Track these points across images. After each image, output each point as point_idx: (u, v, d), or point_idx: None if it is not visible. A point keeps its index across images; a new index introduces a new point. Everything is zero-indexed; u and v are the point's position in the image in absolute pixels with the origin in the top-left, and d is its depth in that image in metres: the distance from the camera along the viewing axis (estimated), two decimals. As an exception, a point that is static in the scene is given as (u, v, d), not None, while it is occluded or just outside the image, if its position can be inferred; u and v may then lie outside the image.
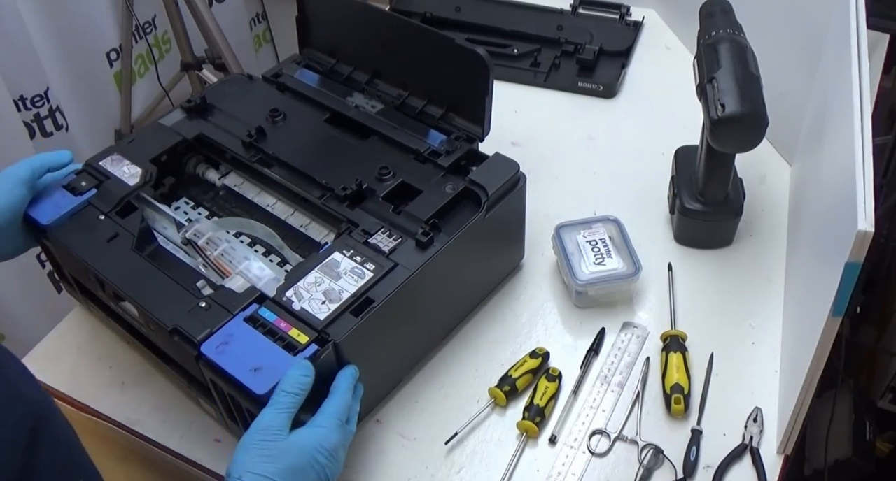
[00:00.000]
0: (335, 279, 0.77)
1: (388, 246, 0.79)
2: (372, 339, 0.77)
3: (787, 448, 0.79)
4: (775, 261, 0.97)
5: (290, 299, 0.75)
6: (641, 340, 0.90)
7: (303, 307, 0.74)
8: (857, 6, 0.81)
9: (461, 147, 0.88)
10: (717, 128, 0.84)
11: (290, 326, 0.73)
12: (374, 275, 0.77)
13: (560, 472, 0.80)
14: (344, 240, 0.81)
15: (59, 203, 0.86)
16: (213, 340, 0.72)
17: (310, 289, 0.76)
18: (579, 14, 1.30)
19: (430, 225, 0.81)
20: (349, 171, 0.86)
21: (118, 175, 0.88)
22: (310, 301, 0.75)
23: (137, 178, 0.88)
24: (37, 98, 1.44)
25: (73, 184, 0.87)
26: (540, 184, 1.07)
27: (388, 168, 0.86)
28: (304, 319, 0.73)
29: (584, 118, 1.17)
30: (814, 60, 0.95)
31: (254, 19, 2.06)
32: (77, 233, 0.83)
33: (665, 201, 1.02)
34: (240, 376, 0.69)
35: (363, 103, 0.95)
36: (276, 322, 0.73)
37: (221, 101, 0.97)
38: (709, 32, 0.89)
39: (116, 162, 0.90)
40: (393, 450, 0.82)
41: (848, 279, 0.64)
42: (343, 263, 0.78)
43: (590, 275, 0.90)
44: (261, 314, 0.74)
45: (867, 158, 0.66)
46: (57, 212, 0.84)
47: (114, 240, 0.82)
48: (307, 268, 0.78)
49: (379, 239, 0.80)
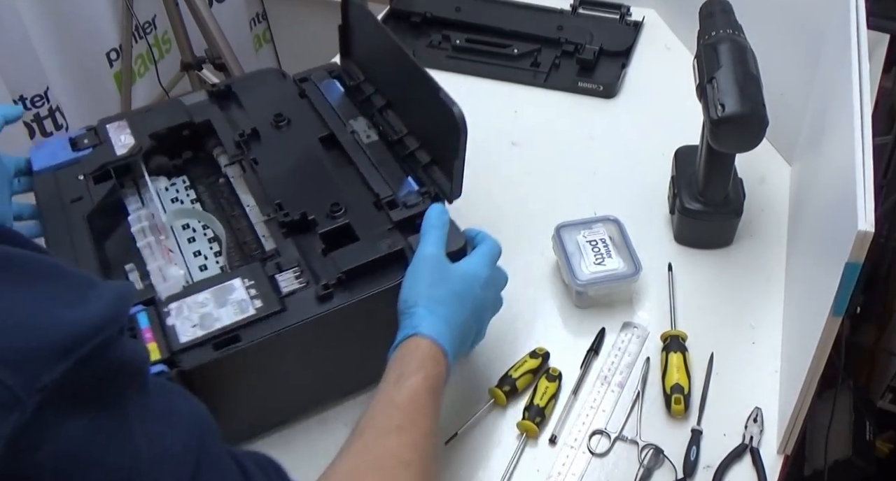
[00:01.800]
0: (220, 305, 0.72)
1: (289, 287, 0.74)
2: (233, 378, 0.72)
3: (787, 448, 0.79)
4: (775, 261, 0.97)
5: (169, 311, 0.72)
6: (641, 340, 0.90)
7: (174, 324, 0.71)
8: (857, 6, 0.81)
9: (423, 204, 0.79)
10: (717, 129, 0.84)
11: (151, 339, 0.69)
12: (256, 314, 0.71)
13: (560, 472, 0.80)
14: (253, 267, 0.76)
15: (57, 153, 0.88)
16: None
17: (192, 308, 0.72)
18: (579, 14, 1.30)
19: (339, 278, 0.74)
20: (306, 198, 0.82)
21: (113, 141, 0.88)
22: (184, 320, 0.71)
23: (126, 149, 0.88)
24: (37, 98, 1.44)
25: (77, 138, 0.89)
26: (540, 184, 1.07)
27: (340, 206, 0.80)
28: (168, 336, 0.70)
29: (584, 118, 1.17)
30: (814, 60, 0.95)
31: (254, 19, 2.06)
32: (50, 186, 0.84)
33: (665, 201, 1.02)
34: None
35: (361, 130, 0.90)
36: (143, 330, 0.70)
37: (244, 93, 0.95)
38: (709, 32, 0.89)
39: (120, 128, 0.90)
40: (393, 450, 0.82)
41: (848, 279, 0.64)
42: (237, 292, 0.73)
43: (590, 275, 0.90)
44: (136, 317, 0.71)
45: (867, 158, 0.66)
46: (50, 160, 0.87)
47: (76, 202, 0.82)
48: (205, 286, 0.74)
49: (285, 277, 0.75)
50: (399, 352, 0.69)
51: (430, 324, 0.70)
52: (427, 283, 0.72)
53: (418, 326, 0.69)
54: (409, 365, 0.67)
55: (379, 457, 0.62)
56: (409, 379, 0.66)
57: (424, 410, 0.66)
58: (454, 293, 0.72)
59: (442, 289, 0.72)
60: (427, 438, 0.65)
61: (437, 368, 0.69)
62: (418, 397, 0.66)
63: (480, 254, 0.77)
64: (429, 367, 0.68)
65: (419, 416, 0.65)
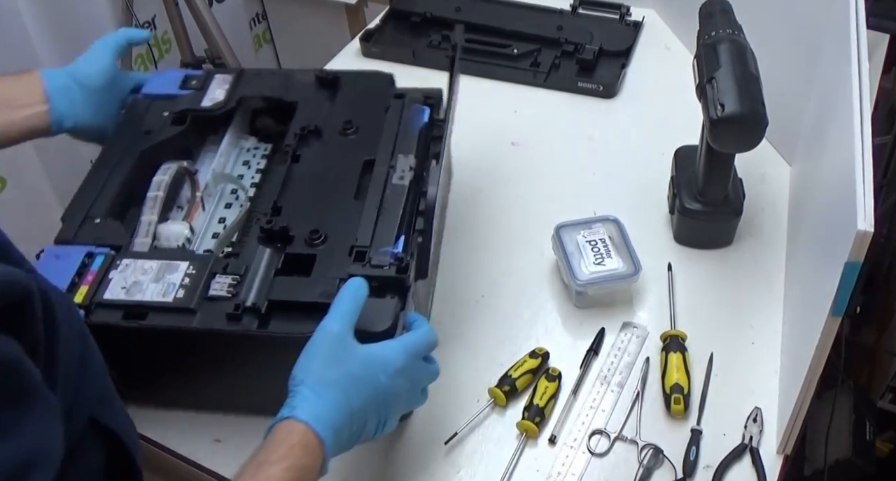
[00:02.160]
0: (156, 280, 0.74)
1: (216, 292, 0.73)
2: (140, 348, 0.74)
3: (787, 448, 0.79)
4: (775, 261, 0.97)
5: (117, 265, 0.76)
6: (641, 340, 0.90)
7: (112, 278, 0.74)
8: (857, 6, 0.81)
9: (388, 270, 0.74)
10: (716, 128, 0.84)
11: (87, 283, 0.74)
12: (171, 303, 0.72)
13: (560, 472, 0.80)
14: (205, 258, 0.77)
15: (166, 85, 0.93)
16: (54, 250, 0.77)
17: (135, 272, 0.75)
18: (579, 14, 1.30)
19: (261, 305, 0.72)
20: (304, 213, 0.80)
21: (208, 89, 0.92)
22: (121, 279, 0.74)
23: (211, 103, 0.91)
24: (37, 98, 1.44)
25: (189, 77, 0.94)
26: (540, 184, 1.07)
27: (319, 234, 0.77)
28: (99, 287, 0.74)
29: (584, 118, 1.17)
30: (814, 60, 0.95)
31: (254, 19, 2.06)
32: (139, 111, 0.91)
33: (665, 201, 1.02)
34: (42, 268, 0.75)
35: (400, 168, 0.83)
36: (89, 271, 0.75)
37: (346, 89, 0.93)
38: (708, 32, 0.89)
39: (222, 82, 0.93)
40: (393, 450, 0.82)
41: (848, 279, 0.64)
42: (176, 274, 0.74)
43: (590, 275, 0.90)
44: (95, 258, 0.76)
45: (867, 158, 0.66)
46: (156, 89, 0.93)
47: (146, 134, 0.88)
48: (165, 256, 0.77)
49: (221, 281, 0.74)
50: (271, 434, 0.62)
51: (312, 407, 0.63)
52: (321, 361, 0.65)
53: (296, 408, 0.63)
54: (274, 452, 0.60)
55: None
56: (270, 468, 0.59)
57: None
58: (351, 376, 0.65)
59: (337, 371, 0.65)
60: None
61: (306, 459, 0.61)
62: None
63: (401, 341, 0.70)
64: (296, 457, 0.61)
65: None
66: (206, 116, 0.91)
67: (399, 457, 0.82)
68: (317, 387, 0.64)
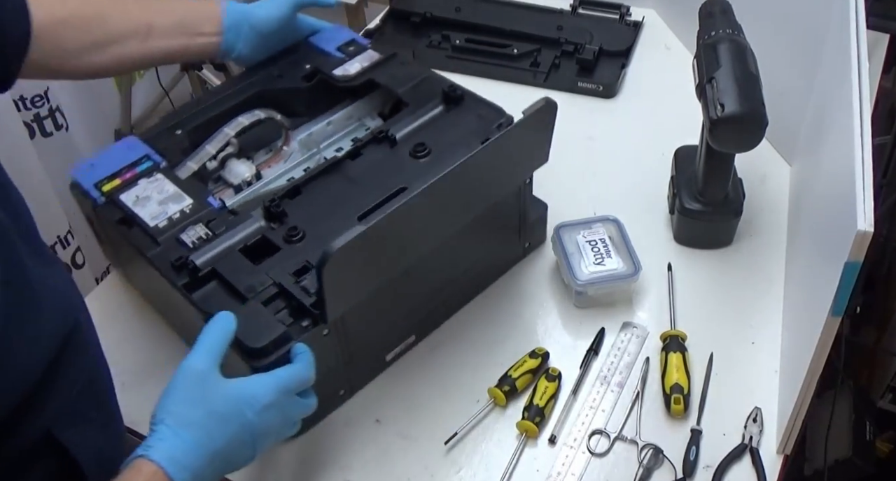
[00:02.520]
0: (162, 202, 0.82)
1: (186, 237, 0.78)
2: (127, 251, 0.83)
3: (787, 448, 0.79)
4: (775, 261, 0.97)
5: (152, 176, 0.84)
6: (641, 340, 0.90)
7: (138, 184, 0.83)
8: (857, 6, 0.81)
9: (305, 298, 0.75)
10: (716, 128, 0.84)
11: (122, 179, 0.84)
12: (150, 227, 0.80)
13: (560, 472, 0.80)
14: (209, 208, 0.81)
15: (329, 41, 0.98)
16: (131, 141, 0.87)
17: (157, 188, 0.83)
18: (579, 14, 1.30)
19: (203, 270, 0.76)
20: (311, 208, 0.80)
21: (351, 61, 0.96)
22: (143, 189, 0.83)
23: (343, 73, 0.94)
24: (37, 98, 1.44)
25: (352, 43, 0.97)
26: (540, 184, 1.07)
27: (298, 232, 0.79)
28: (124, 188, 0.83)
29: (584, 118, 1.17)
30: (814, 60, 0.95)
31: (254, 19, 2.06)
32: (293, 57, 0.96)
33: (665, 201, 1.02)
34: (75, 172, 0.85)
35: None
36: (131, 171, 0.84)
37: (469, 110, 0.90)
38: (708, 32, 0.89)
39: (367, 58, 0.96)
40: (393, 450, 0.82)
41: (847, 279, 0.64)
42: (177, 206, 0.81)
43: (590, 275, 0.90)
44: (145, 162, 0.85)
45: (867, 158, 0.66)
46: (320, 43, 0.98)
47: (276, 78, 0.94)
48: (184, 186, 0.83)
49: (197, 229, 0.79)
50: (121, 473, 0.60)
51: (168, 448, 0.61)
52: (182, 400, 0.63)
53: (151, 448, 0.61)
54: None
55: None
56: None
57: None
58: (214, 415, 0.63)
59: (198, 410, 0.63)
60: None
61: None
62: None
63: (273, 376, 0.68)
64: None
65: None
66: (329, 83, 0.94)
67: (399, 457, 0.82)
68: (175, 427, 0.62)
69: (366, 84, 0.94)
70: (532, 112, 0.77)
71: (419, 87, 0.92)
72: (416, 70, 0.94)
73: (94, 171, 0.86)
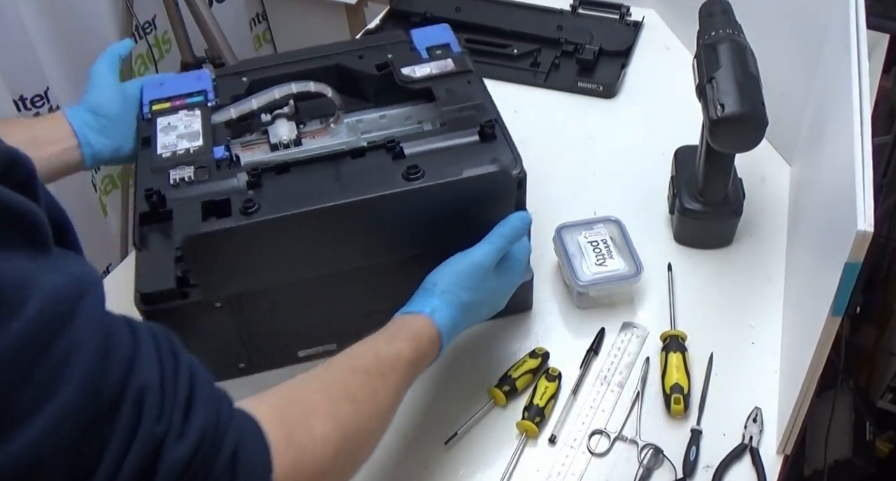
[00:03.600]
0: (179, 136, 0.87)
1: (173, 173, 0.81)
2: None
3: (787, 448, 0.79)
4: (775, 261, 0.97)
5: (193, 110, 0.89)
6: (641, 340, 0.90)
7: (178, 114, 0.89)
8: (857, 6, 0.81)
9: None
10: (716, 129, 0.84)
11: (170, 103, 0.90)
12: (157, 154, 0.84)
13: (560, 472, 0.80)
14: (213, 158, 0.84)
15: (427, 40, 0.99)
16: (202, 74, 0.94)
17: (187, 122, 0.89)
18: (579, 14, 1.30)
19: (163, 209, 0.79)
20: (287, 189, 0.81)
21: (434, 62, 0.96)
22: (178, 119, 0.89)
23: (407, 74, 0.94)
24: (37, 98, 1.44)
25: (443, 46, 0.97)
26: (540, 185, 1.07)
27: (254, 204, 0.78)
28: (167, 111, 0.89)
29: (584, 118, 1.17)
30: (814, 60, 0.95)
31: (254, 19, 2.06)
32: (368, 49, 0.98)
33: (665, 201, 1.02)
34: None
35: None
36: (182, 98, 0.91)
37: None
38: (708, 32, 0.89)
39: (442, 66, 0.95)
40: (393, 450, 0.82)
41: (847, 279, 0.64)
42: (189, 145, 0.86)
43: (591, 276, 0.90)
44: (198, 96, 0.91)
45: (867, 158, 0.66)
46: (415, 40, 0.99)
47: (356, 59, 0.97)
48: (207, 131, 0.87)
49: (184, 171, 0.82)
50: (407, 318, 0.71)
51: (446, 316, 0.72)
52: (463, 284, 0.73)
53: (435, 313, 0.72)
54: (407, 332, 0.69)
55: (330, 385, 0.62)
56: (400, 344, 0.68)
57: (395, 373, 0.66)
58: (483, 303, 0.76)
59: (473, 296, 0.74)
60: (384, 394, 0.65)
61: (430, 350, 0.71)
62: (399, 361, 0.67)
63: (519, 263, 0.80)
64: (423, 346, 0.70)
65: (388, 375, 0.66)
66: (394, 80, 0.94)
67: (399, 457, 0.82)
68: (455, 301, 0.73)
69: (424, 90, 0.93)
70: (479, 174, 0.76)
71: (465, 110, 0.89)
72: (477, 92, 0.91)
73: (159, 89, 0.93)
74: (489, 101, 0.91)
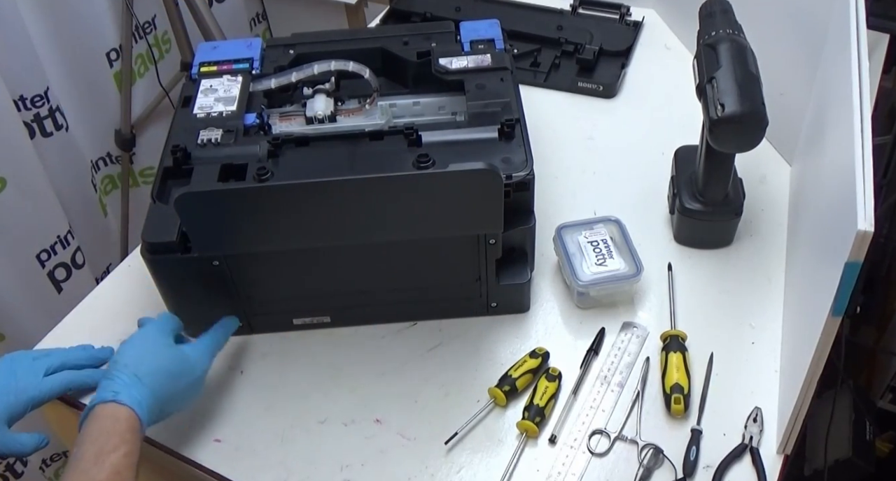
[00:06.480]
0: (217, 100, 0.91)
1: (201, 134, 0.85)
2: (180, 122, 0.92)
3: (787, 448, 0.79)
4: (775, 261, 0.97)
5: (236, 76, 0.94)
6: (641, 340, 0.90)
7: (221, 78, 0.94)
8: (857, 6, 0.81)
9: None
10: (716, 128, 0.84)
11: (217, 68, 0.95)
12: (192, 113, 0.89)
13: (560, 472, 0.80)
14: (242, 123, 0.88)
15: (473, 33, 1.00)
16: (255, 43, 0.98)
17: (228, 87, 0.93)
18: (579, 14, 1.30)
19: (186, 166, 0.84)
20: (304, 162, 0.85)
21: (473, 55, 0.97)
22: (221, 83, 0.93)
23: (444, 65, 0.96)
24: (37, 98, 1.44)
25: (486, 41, 0.98)
26: (540, 184, 1.07)
27: (266, 171, 0.81)
28: (211, 75, 0.94)
29: (584, 118, 1.17)
30: (814, 60, 0.95)
31: (254, 19, 2.06)
32: (415, 35, 1.01)
33: (665, 201, 1.02)
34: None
35: None
36: (229, 64, 0.96)
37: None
38: (708, 32, 0.89)
39: (480, 61, 0.96)
40: (393, 450, 0.82)
41: (848, 279, 0.64)
42: (225, 108, 0.90)
43: (592, 275, 0.90)
44: (244, 63, 0.96)
45: (867, 158, 0.66)
46: (462, 31, 1.01)
47: (401, 45, 0.99)
48: (244, 99, 0.91)
49: (212, 133, 0.86)
50: (98, 422, 0.67)
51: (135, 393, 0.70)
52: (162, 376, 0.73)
53: (119, 393, 0.69)
54: (109, 440, 0.66)
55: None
56: (110, 457, 0.65)
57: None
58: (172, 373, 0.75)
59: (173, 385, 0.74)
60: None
61: (138, 442, 0.68)
62: (120, 475, 0.64)
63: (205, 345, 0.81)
64: (130, 442, 0.66)
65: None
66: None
67: (399, 457, 0.82)
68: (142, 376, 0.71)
69: (457, 82, 0.94)
70: (464, 169, 0.76)
71: (490, 106, 0.89)
72: (507, 90, 0.91)
73: (211, 53, 0.98)
74: (517, 100, 0.91)
